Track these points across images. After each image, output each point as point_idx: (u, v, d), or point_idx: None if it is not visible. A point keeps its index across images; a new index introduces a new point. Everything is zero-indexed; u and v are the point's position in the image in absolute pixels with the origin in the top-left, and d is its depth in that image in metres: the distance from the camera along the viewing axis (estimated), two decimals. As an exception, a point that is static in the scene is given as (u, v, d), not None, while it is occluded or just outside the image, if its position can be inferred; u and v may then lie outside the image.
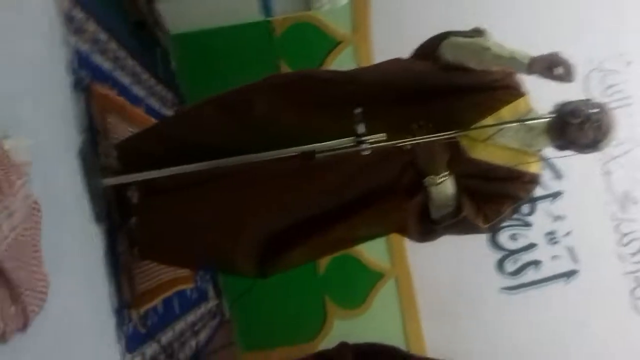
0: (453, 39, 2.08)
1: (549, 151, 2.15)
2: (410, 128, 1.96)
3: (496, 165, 2.04)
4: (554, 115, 1.99)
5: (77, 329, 1.63)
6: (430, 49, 2.12)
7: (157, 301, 2.33)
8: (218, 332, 3.30)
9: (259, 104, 2.01)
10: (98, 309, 1.82)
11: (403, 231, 2.19)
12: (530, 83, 2.13)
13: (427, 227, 2.10)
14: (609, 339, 3.92)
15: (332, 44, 3.95)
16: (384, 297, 3.96)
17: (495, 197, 2.08)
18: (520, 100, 2.08)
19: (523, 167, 2.08)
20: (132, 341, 1.99)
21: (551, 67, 1.88)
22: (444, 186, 2.00)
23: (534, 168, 2.11)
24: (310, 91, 2.05)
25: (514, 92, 2.08)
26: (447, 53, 2.06)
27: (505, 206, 2.10)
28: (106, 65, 2.38)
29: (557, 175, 3.99)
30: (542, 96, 2.12)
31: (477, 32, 2.08)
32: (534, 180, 2.13)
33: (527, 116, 2.05)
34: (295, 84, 2.08)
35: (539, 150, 2.13)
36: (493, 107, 2.04)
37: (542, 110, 2.09)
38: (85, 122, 1.98)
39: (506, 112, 2.05)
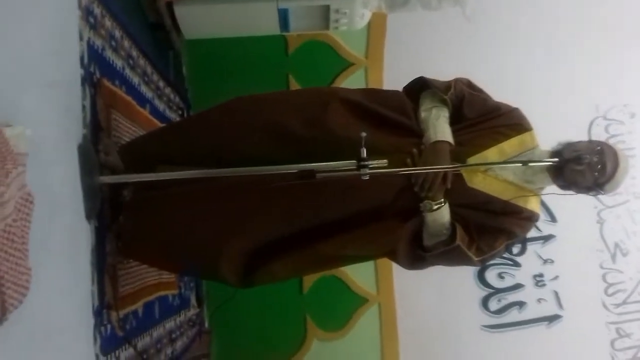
0: (424, 113, 2.07)
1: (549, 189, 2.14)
2: (410, 153, 1.98)
3: (494, 197, 2.02)
4: (555, 160, 1.97)
5: (54, 326, 1.60)
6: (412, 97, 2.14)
7: (138, 305, 2.30)
8: (195, 342, 3.26)
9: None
10: (78, 308, 1.79)
11: (392, 256, 2.15)
12: (537, 120, 2.14)
13: (418, 254, 2.07)
14: (585, 389, 3.93)
15: (343, 65, 3.98)
16: (366, 322, 3.95)
17: (490, 230, 2.05)
18: (526, 135, 2.08)
19: (521, 203, 2.05)
20: (108, 343, 1.97)
21: None
22: (440, 213, 1.97)
23: (532, 205, 2.08)
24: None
25: (518, 128, 2.08)
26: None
27: (499, 241, 2.07)
28: (118, 62, 2.37)
29: (552, 218, 4.00)
30: (548, 133, 2.13)
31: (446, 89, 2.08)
32: (531, 217, 2.10)
33: (532, 151, 2.05)
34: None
35: (540, 188, 2.11)
36: (496, 140, 2.04)
37: (545, 145, 2.09)
38: (89, 117, 1.97)
39: (510, 146, 2.05)
